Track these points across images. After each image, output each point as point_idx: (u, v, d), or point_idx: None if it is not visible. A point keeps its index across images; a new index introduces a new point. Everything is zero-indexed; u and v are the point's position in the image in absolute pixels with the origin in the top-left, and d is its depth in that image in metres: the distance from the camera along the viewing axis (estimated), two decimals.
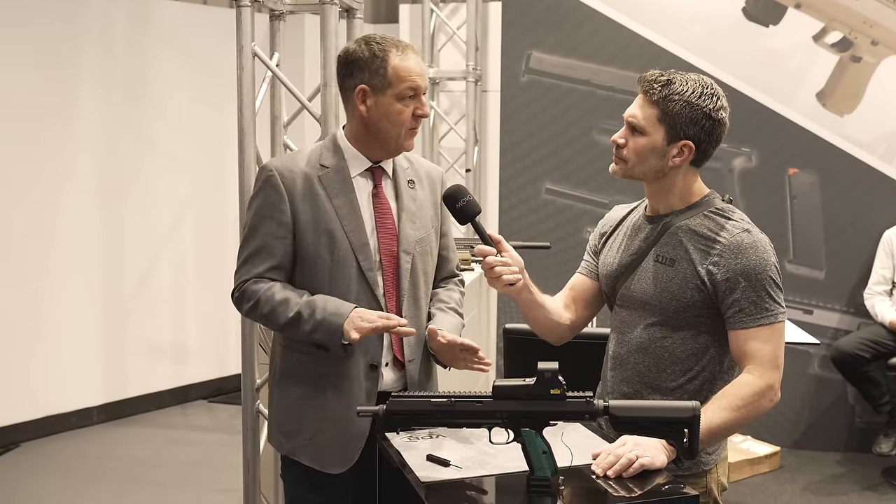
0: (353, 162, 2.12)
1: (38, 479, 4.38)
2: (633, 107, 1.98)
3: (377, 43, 2.07)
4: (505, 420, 1.69)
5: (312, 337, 2.02)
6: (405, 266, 2.13)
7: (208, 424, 5.37)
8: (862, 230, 4.67)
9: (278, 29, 2.83)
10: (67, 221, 5.11)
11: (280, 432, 2.21)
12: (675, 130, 1.92)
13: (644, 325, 2.01)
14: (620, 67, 4.79)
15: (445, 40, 5.05)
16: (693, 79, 1.95)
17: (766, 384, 1.88)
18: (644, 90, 1.95)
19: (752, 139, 4.71)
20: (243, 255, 2.12)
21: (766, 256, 1.92)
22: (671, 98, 1.91)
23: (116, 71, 5.30)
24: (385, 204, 2.14)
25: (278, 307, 2.04)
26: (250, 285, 2.09)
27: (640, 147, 1.95)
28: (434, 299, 2.26)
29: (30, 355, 4.96)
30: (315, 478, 2.15)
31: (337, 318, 1.98)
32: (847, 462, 4.63)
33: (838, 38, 4.66)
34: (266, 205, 2.09)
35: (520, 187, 5.00)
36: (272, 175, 2.09)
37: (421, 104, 2.08)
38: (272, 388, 2.25)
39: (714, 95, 1.94)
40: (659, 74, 1.95)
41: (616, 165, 2.02)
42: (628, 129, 1.98)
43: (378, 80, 2.04)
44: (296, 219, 2.07)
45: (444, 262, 2.29)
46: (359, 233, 2.09)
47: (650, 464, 1.72)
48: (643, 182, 2.03)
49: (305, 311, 2.01)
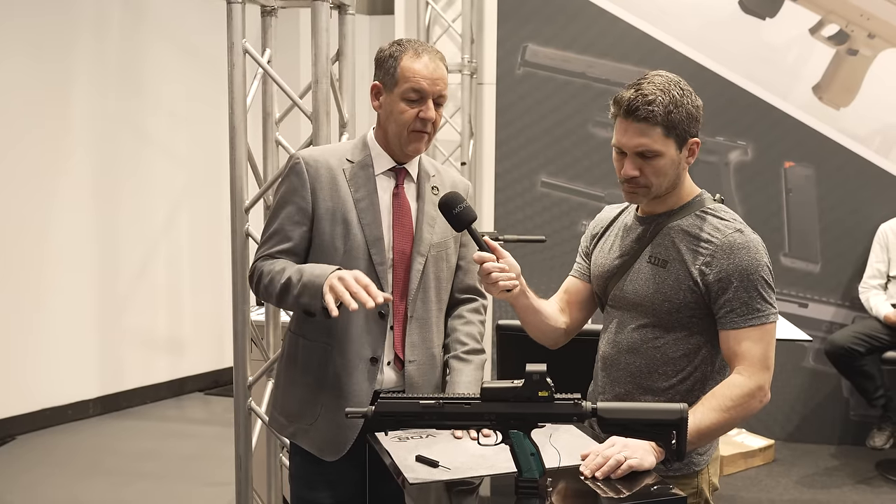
0: (378, 160, 2.15)
1: (35, 472, 4.39)
2: (632, 136, 1.90)
3: (400, 45, 2.11)
4: (493, 422, 1.69)
5: (300, 301, 2.02)
6: (417, 268, 2.13)
7: (205, 417, 5.38)
8: (857, 224, 4.67)
9: (270, 25, 2.81)
10: (63, 214, 5.10)
11: (283, 415, 2.23)
12: (682, 136, 1.92)
13: (636, 325, 2.01)
14: (616, 60, 4.78)
15: (441, 33, 5.03)
16: (662, 82, 1.91)
17: (756, 385, 1.88)
18: (634, 115, 1.88)
19: (748, 132, 4.70)
20: (263, 237, 2.17)
21: (759, 257, 1.92)
22: (668, 109, 1.88)
23: (111, 63, 5.28)
24: (405, 204, 2.16)
25: (276, 276, 2.06)
26: (259, 263, 2.13)
27: (661, 168, 1.92)
28: (453, 336, 2.23)
29: (26, 348, 4.96)
30: (317, 472, 2.16)
31: (319, 279, 1.97)
32: (841, 455, 4.64)
33: (835, 30, 4.65)
34: (289, 190, 2.12)
35: (515, 180, 5.00)
36: (298, 163, 2.13)
37: (427, 107, 2.08)
38: (279, 370, 2.27)
39: (687, 88, 1.94)
40: (634, 94, 1.89)
41: (634, 195, 1.97)
42: (637, 157, 1.92)
43: (388, 78, 2.09)
44: (315, 207, 2.10)
45: (461, 274, 2.27)
46: (374, 227, 2.11)
47: (639, 465, 1.73)
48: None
49: (295, 276, 2.02)
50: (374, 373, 2.12)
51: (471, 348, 2.21)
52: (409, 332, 2.15)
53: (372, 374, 2.12)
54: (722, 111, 4.61)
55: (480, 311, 2.30)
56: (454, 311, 2.27)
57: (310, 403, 2.15)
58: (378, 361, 2.12)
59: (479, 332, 2.26)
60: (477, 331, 2.26)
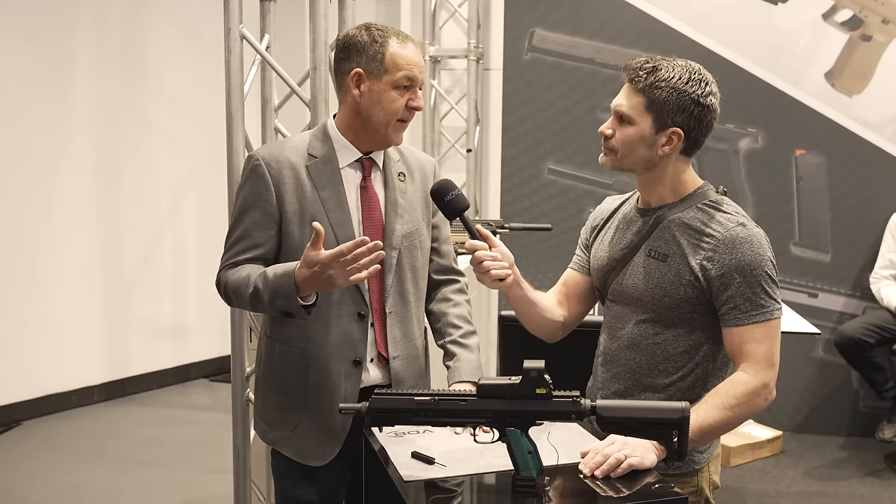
0: (342, 152, 2.08)
1: (37, 458, 4.40)
2: (619, 96, 1.93)
3: (378, 30, 2.02)
4: (489, 419, 1.66)
5: (274, 306, 1.97)
6: (390, 262, 2.08)
7: (209, 403, 5.38)
8: (869, 213, 4.60)
9: (269, 10, 2.76)
10: (66, 201, 5.08)
11: (264, 421, 2.19)
12: (662, 118, 1.87)
13: (636, 321, 1.97)
14: (625, 46, 4.71)
15: (447, 17, 4.96)
16: (680, 64, 1.89)
17: (760, 383, 1.84)
18: (630, 78, 1.90)
19: (759, 119, 4.62)
20: (227, 244, 2.09)
21: (762, 251, 1.87)
22: (657, 85, 1.85)
23: (112, 48, 5.24)
24: (373, 197, 2.10)
25: (241, 286, 2.00)
26: (223, 274, 2.07)
27: (627, 137, 1.90)
28: (444, 321, 2.20)
29: (30, 334, 4.96)
30: (299, 469, 2.12)
31: (286, 277, 1.91)
32: (850, 447, 4.60)
33: (848, 16, 4.56)
34: (252, 194, 2.05)
35: (522, 167, 4.94)
36: (258, 164, 2.04)
37: (416, 96, 2.03)
38: (258, 377, 2.22)
39: (702, 81, 1.88)
40: (644, 61, 1.90)
41: (605, 157, 1.97)
42: (616, 118, 1.93)
43: (375, 65, 2.00)
44: (282, 210, 2.04)
45: (437, 255, 2.23)
46: (345, 226, 2.05)
47: (639, 464, 1.69)
48: (633, 173, 1.98)
49: (260, 283, 1.96)
50: (358, 375, 2.08)
51: (466, 331, 2.19)
52: (391, 328, 2.11)
53: (355, 377, 2.07)
54: (732, 98, 4.49)
55: (464, 291, 2.27)
56: (437, 294, 2.24)
57: (290, 411, 2.11)
58: (361, 363, 2.08)
59: (468, 312, 2.24)
60: (466, 311, 2.24)
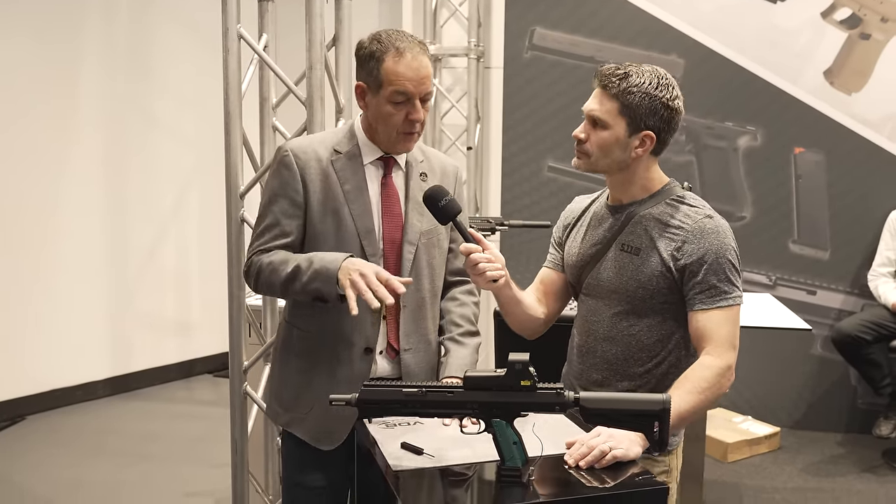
0: (365, 150, 2.14)
1: (43, 452, 4.45)
2: (591, 101, 2.00)
3: (380, 42, 2.05)
4: (475, 410, 1.70)
5: (310, 287, 2.01)
6: (407, 256, 2.13)
7: (212, 399, 5.42)
8: (867, 211, 4.61)
9: (266, 10, 2.80)
10: (72, 197, 5.13)
11: (277, 403, 2.25)
12: (636, 122, 1.96)
13: (611, 313, 2.05)
14: (625, 44, 4.73)
15: (448, 16, 4.99)
16: (648, 70, 1.98)
17: (725, 364, 1.93)
18: (602, 84, 1.98)
19: (758, 117, 4.64)
20: (255, 231, 2.16)
21: (727, 241, 1.98)
22: (630, 90, 1.94)
23: (119, 45, 5.29)
24: (393, 192, 2.15)
25: (279, 266, 2.06)
26: (256, 257, 2.12)
27: (602, 140, 1.98)
28: (447, 318, 2.25)
29: (35, 329, 5.01)
30: (310, 455, 2.17)
31: (333, 265, 1.98)
32: (847, 443, 4.61)
33: (847, 14, 4.57)
34: (280, 184, 2.11)
35: (522, 165, 4.97)
36: (287, 155, 2.11)
37: (414, 109, 2.04)
38: (274, 359, 2.28)
39: (669, 85, 1.98)
40: (615, 68, 1.98)
41: (579, 160, 2.04)
42: (589, 123, 2.00)
43: (372, 80, 2.05)
44: (307, 198, 2.10)
45: (453, 257, 2.27)
46: (365, 218, 2.10)
47: (624, 455, 1.73)
48: (606, 174, 2.06)
49: (304, 264, 2.02)
50: (369, 363, 2.13)
51: (465, 330, 2.23)
52: (403, 321, 2.15)
53: (367, 365, 2.12)
54: (731, 96, 4.55)
55: (474, 293, 2.31)
56: (448, 294, 2.29)
57: (304, 393, 2.16)
58: (372, 352, 2.13)
59: (473, 314, 2.28)
60: (471, 311, 2.27)
